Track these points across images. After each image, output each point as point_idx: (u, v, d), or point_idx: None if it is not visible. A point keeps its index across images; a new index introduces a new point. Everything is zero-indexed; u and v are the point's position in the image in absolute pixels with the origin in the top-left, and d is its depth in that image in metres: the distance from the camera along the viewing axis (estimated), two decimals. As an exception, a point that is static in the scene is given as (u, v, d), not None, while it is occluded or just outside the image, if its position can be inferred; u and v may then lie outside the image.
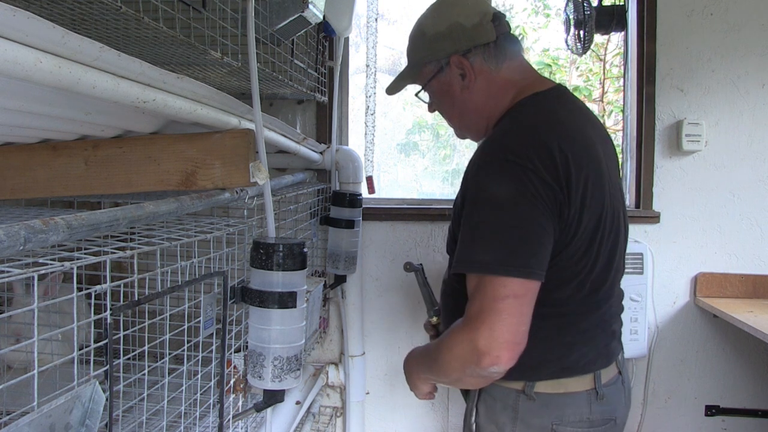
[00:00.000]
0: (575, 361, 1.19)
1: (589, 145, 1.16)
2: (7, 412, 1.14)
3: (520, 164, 1.07)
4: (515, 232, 1.06)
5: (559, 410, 1.19)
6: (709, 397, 2.28)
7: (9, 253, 0.62)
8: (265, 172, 1.20)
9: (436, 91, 1.33)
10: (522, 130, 1.16)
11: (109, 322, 0.76)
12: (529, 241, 1.06)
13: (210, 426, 1.25)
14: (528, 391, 1.19)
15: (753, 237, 2.23)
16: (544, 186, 1.06)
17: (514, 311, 1.04)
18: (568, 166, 1.08)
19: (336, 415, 2.34)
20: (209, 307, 1.06)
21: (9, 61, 0.62)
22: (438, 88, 1.32)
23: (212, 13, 1.11)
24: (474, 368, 1.06)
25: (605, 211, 1.15)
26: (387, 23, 3.06)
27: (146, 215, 0.90)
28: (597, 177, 1.14)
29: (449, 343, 1.12)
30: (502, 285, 1.04)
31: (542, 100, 1.22)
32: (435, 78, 1.30)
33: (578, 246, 1.12)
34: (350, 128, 2.37)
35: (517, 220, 1.06)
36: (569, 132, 1.14)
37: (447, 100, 1.32)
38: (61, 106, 0.97)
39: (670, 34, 2.21)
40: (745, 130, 2.22)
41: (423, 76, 1.33)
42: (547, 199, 1.06)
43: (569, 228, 1.10)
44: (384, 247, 2.32)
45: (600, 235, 1.15)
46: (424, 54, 1.31)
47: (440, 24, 1.28)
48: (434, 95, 1.35)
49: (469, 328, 1.06)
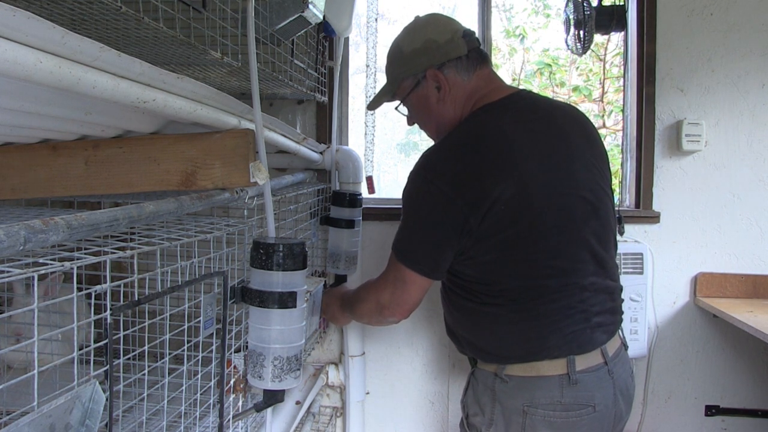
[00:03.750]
0: (539, 346, 1.29)
1: (521, 154, 1.27)
2: (7, 412, 1.14)
3: (432, 181, 1.27)
4: (418, 235, 1.32)
5: (529, 392, 1.29)
6: (709, 397, 2.28)
7: (9, 253, 0.62)
8: (265, 172, 1.20)
9: (414, 105, 1.46)
10: (446, 149, 1.35)
11: (109, 322, 0.76)
12: (426, 244, 1.32)
13: (210, 426, 1.25)
14: (500, 374, 1.32)
15: (753, 237, 2.23)
16: (450, 201, 1.25)
17: (405, 287, 1.36)
18: (481, 181, 1.24)
19: (336, 415, 2.34)
20: (209, 307, 1.06)
21: (9, 61, 0.62)
22: (416, 102, 1.45)
23: (212, 13, 1.11)
24: (377, 317, 1.43)
25: (550, 205, 1.26)
26: (387, 23, 3.06)
27: (146, 215, 0.90)
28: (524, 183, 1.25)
29: (364, 296, 1.49)
30: (402, 269, 1.35)
31: (486, 113, 1.36)
32: (413, 92, 1.43)
33: (499, 245, 1.26)
34: (350, 128, 2.37)
35: (421, 226, 1.31)
36: (495, 148, 1.27)
37: (424, 111, 1.45)
38: (61, 106, 0.97)
39: (670, 34, 2.21)
40: (745, 130, 2.22)
41: (402, 91, 1.46)
42: (451, 211, 1.25)
43: (483, 232, 1.25)
44: (384, 247, 2.32)
45: (534, 232, 1.26)
46: (401, 70, 1.44)
47: (416, 41, 1.41)
48: (412, 108, 1.48)
49: (378, 288, 1.42)
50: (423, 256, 1.33)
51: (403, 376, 2.35)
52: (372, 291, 1.44)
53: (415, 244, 1.34)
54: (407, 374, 2.35)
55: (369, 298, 1.45)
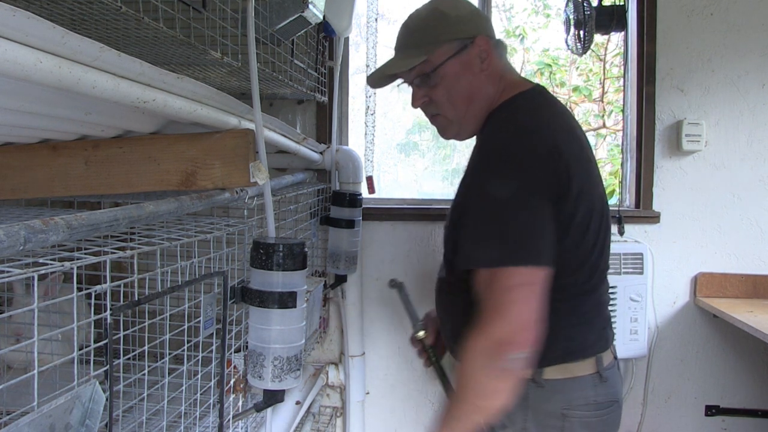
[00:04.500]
0: (578, 344, 1.24)
1: (579, 141, 1.24)
2: (7, 412, 1.14)
3: (521, 162, 1.14)
4: (519, 225, 1.11)
5: (567, 395, 1.23)
6: (709, 397, 2.28)
7: (9, 253, 0.62)
8: (265, 172, 1.20)
9: (451, 73, 1.27)
10: (522, 129, 1.20)
11: (109, 322, 0.76)
12: (533, 232, 1.12)
13: (210, 426, 1.25)
14: (537, 378, 1.21)
15: (753, 237, 2.23)
16: (544, 181, 1.13)
17: (526, 298, 1.09)
18: (567, 163, 1.14)
19: (336, 415, 2.34)
20: (209, 307, 1.06)
21: (9, 61, 0.61)
22: (455, 69, 1.27)
23: (212, 13, 1.11)
24: (498, 362, 1.07)
25: (597, 200, 1.23)
26: (387, 23, 3.06)
27: (146, 215, 0.90)
28: (589, 170, 1.22)
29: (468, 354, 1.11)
30: (512, 275, 1.09)
31: (530, 100, 1.27)
32: (454, 58, 1.26)
33: (576, 234, 1.18)
34: (350, 128, 2.37)
35: (520, 214, 1.11)
36: (563, 130, 1.21)
37: (462, 81, 1.27)
38: (61, 106, 0.97)
39: (670, 34, 2.21)
40: (745, 130, 2.22)
41: (439, 56, 1.27)
42: (547, 192, 1.12)
43: (567, 218, 1.16)
44: (384, 247, 2.32)
45: (595, 223, 1.22)
46: (446, 31, 1.27)
47: (460, 9, 1.30)
48: (447, 77, 1.27)
49: (484, 324, 1.09)
50: (531, 244, 1.11)
51: (403, 376, 2.35)
52: (475, 338, 1.11)
53: (518, 235, 1.11)
54: (407, 374, 2.35)
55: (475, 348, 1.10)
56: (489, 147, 1.22)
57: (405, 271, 2.32)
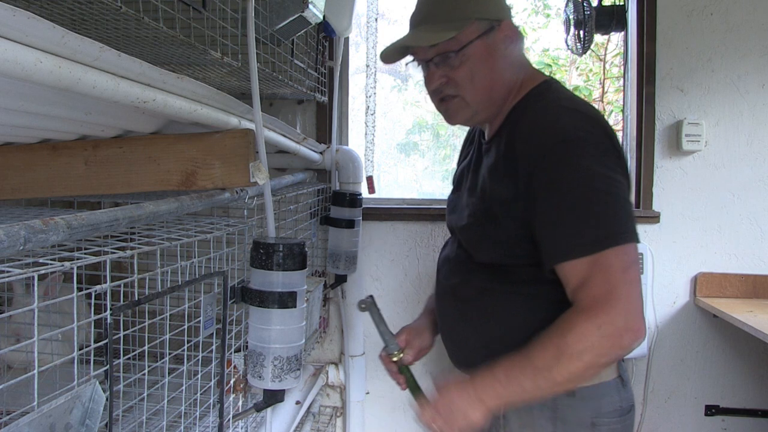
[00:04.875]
0: None
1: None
2: (7, 412, 1.14)
3: (597, 144, 1.09)
4: (615, 203, 1.06)
5: (596, 401, 1.15)
6: (709, 397, 2.28)
7: (9, 253, 0.62)
8: (265, 172, 1.20)
9: (476, 55, 1.18)
10: (583, 113, 1.14)
11: (109, 322, 0.76)
12: (628, 208, 1.09)
13: (210, 426, 1.25)
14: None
15: (753, 237, 2.23)
16: (617, 159, 1.10)
17: (637, 278, 1.05)
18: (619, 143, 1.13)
19: (336, 415, 2.34)
20: (209, 307, 1.06)
21: (9, 61, 0.62)
22: (481, 51, 1.18)
23: (212, 13, 1.11)
24: (613, 351, 1.02)
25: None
26: (387, 23, 3.06)
27: (146, 215, 0.90)
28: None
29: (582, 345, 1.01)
30: (625, 253, 1.04)
31: (562, 88, 1.23)
32: (482, 38, 1.17)
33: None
34: (350, 128, 2.37)
35: (613, 193, 1.06)
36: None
37: (487, 64, 1.19)
38: (61, 106, 0.97)
39: (670, 34, 2.21)
40: (745, 130, 2.22)
41: (468, 34, 1.17)
42: (622, 170, 1.10)
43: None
44: (384, 247, 2.32)
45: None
46: (478, 8, 1.18)
47: None
48: (471, 59, 1.18)
49: (601, 310, 1.01)
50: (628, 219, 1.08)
51: (403, 376, 2.34)
52: (586, 323, 1.01)
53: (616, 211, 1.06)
54: (407, 374, 2.35)
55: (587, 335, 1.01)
56: (553, 135, 1.10)
57: (405, 272, 2.32)
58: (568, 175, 1.06)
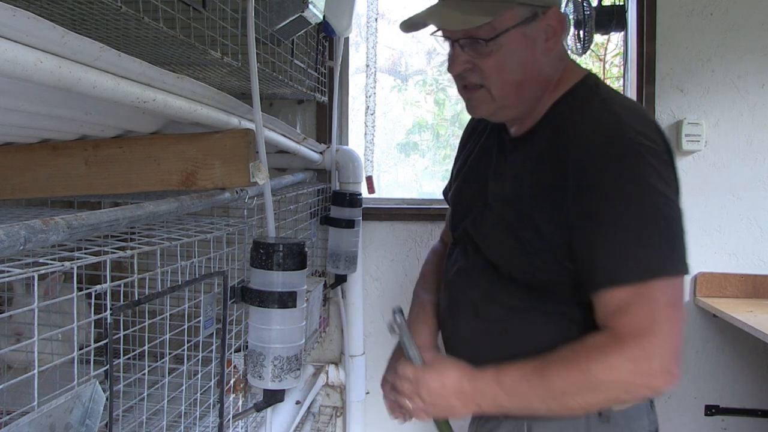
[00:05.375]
0: None
1: None
2: (8, 412, 1.14)
3: (655, 150, 0.97)
4: (672, 228, 0.95)
5: (628, 426, 1.05)
6: (709, 397, 2.28)
7: (9, 253, 0.62)
8: (265, 172, 1.20)
9: (510, 44, 1.03)
10: (635, 110, 1.04)
11: (109, 322, 0.76)
12: (681, 232, 0.97)
13: (210, 426, 1.25)
14: (604, 411, 1.02)
15: (753, 237, 2.23)
16: (675, 174, 1.00)
17: (683, 315, 0.94)
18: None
19: (336, 414, 2.34)
20: (209, 307, 1.06)
21: (9, 61, 0.62)
22: (516, 41, 1.03)
23: (212, 13, 1.11)
24: (642, 391, 0.94)
25: None
26: (387, 23, 3.06)
27: (146, 215, 0.90)
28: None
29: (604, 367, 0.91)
30: (673, 287, 0.93)
31: (610, 88, 1.11)
32: (519, 26, 1.02)
33: None
34: (350, 128, 2.37)
35: (672, 217, 0.96)
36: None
37: (519, 58, 1.04)
38: (61, 106, 0.97)
39: (670, 34, 2.21)
40: (745, 130, 2.21)
41: (503, 21, 1.01)
42: (677, 188, 1.00)
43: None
44: (384, 247, 2.32)
45: None
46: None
47: None
48: (503, 49, 1.03)
49: (638, 344, 0.91)
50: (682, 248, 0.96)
51: (403, 376, 2.34)
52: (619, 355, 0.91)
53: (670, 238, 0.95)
54: (407, 374, 2.35)
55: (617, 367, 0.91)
56: (613, 140, 0.97)
57: (405, 272, 2.32)
58: (628, 190, 0.94)
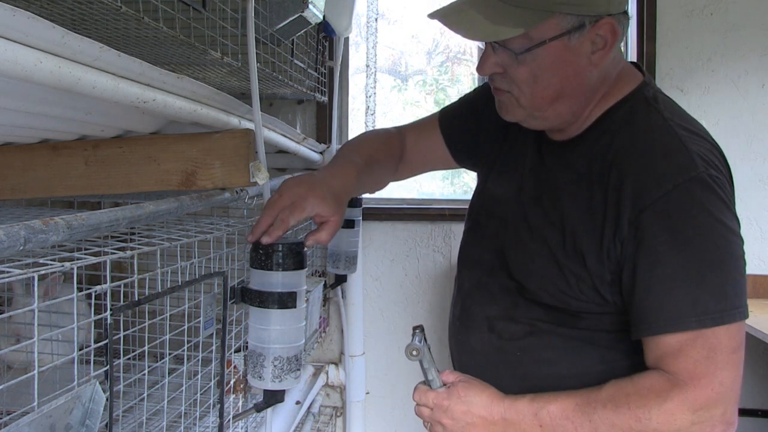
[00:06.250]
0: None
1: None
2: (8, 412, 1.14)
3: (722, 182, 0.88)
4: (735, 268, 0.91)
5: None
6: (709, 397, 2.28)
7: (9, 253, 0.62)
8: (265, 172, 1.20)
9: (548, 57, 0.90)
10: (700, 133, 0.93)
11: (109, 322, 0.76)
12: (744, 275, 0.92)
13: (210, 426, 1.25)
14: None
15: (753, 237, 2.23)
16: (734, 207, 0.91)
17: (742, 362, 0.89)
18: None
19: (336, 414, 2.35)
20: (209, 307, 1.06)
21: (9, 61, 0.61)
22: (555, 54, 0.89)
23: (212, 13, 1.11)
24: None
25: None
26: (387, 23, 3.06)
27: (146, 215, 0.90)
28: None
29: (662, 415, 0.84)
30: (737, 332, 0.89)
31: (672, 102, 1.00)
32: (561, 38, 0.88)
33: None
34: (350, 128, 2.38)
35: (735, 254, 0.91)
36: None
37: (557, 72, 0.91)
38: (61, 106, 0.97)
39: (670, 34, 2.21)
40: (745, 130, 2.22)
41: (541, 31, 0.88)
42: (738, 223, 0.93)
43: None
44: (384, 247, 2.32)
45: None
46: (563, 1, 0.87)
47: None
48: (538, 61, 0.90)
49: (699, 391, 0.84)
50: (744, 292, 0.92)
51: (403, 376, 2.34)
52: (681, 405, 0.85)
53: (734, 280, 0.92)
54: (407, 374, 2.35)
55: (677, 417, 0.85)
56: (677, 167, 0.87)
57: (405, 272, 2.32)
58: (696, 226, 0.86)
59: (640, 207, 0.87)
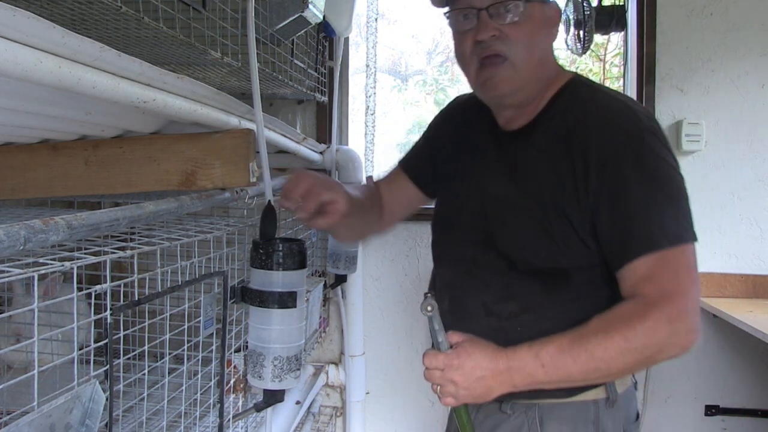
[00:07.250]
0: None
1: None
2: (8, 412, 1.14)
3: (661, 131, 1.05)
4: (685, 197, 1.02)
5: (625, 409, 1.11)
6: (709, 397, 2.28)
7: (9, 253, 0.62)
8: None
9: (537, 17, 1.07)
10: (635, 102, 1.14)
11: (109, 322, 0.76)
12: (689, 203, 1.03)
13: (210, 426, 1.25)
14: (612, 395, 1.07)
15: (753, 237, 2.23)
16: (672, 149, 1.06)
17: (698, 278, 1.00)
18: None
19: (336, 414, 2.35)
20: (209, 307, 1.06)
21: (9, 61, 0.62)
22: (541, 16, 1.08)
23: (212, 13, 1.11)
24: (674, 351, 0.95)
25: None
26: (387, 23, 3.06)
27: (146, 215, 0.90)
28: None
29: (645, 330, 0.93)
30: (692, 252, 0.99)
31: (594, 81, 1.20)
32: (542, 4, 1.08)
33: None
34: (350, 128, 2.38)
35: (683, 187, 1.03)
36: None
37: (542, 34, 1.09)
38: (61, 106, 0.97)
39: (670, 34, 2.21)
40: (745, 130, 2.21)
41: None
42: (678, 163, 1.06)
43: None
44: (384, 247, 2.32)
45: None
46: None
47: None
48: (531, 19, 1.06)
49: (673, 306, 0.94)
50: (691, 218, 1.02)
51: (403, 376, 2.35)
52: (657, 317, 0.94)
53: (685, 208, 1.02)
54: (407, 374, 2.35)
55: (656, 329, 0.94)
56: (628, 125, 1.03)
57: (405, 272, 2.32)
58: (651, 167, 1.00)
59: (604, 160, 1.01)
